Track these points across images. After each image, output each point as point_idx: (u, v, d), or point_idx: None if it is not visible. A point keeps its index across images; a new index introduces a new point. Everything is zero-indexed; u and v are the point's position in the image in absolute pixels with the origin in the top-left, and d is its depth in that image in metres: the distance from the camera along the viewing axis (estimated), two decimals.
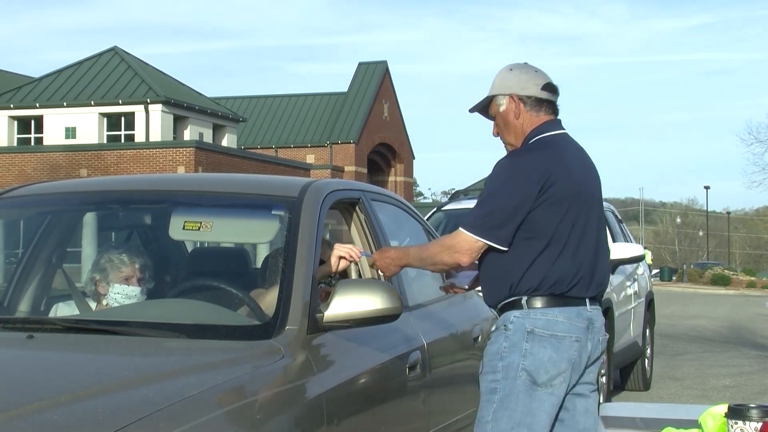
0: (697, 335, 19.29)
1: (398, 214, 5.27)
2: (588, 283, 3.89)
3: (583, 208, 3.90)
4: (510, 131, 4.02)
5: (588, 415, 3.93)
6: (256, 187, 4.56)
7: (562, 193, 3.83)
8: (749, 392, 11.09)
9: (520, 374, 3.78)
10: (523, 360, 3.79)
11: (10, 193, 4.58)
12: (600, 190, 4.07)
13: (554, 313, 3.83)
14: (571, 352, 3.82)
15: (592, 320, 3.90)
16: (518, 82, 4.00)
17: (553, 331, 3.81)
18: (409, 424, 4.37)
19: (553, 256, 3.83)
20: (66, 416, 2.79)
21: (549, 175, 3.81)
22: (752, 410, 3.19)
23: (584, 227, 3.90)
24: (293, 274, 3.78)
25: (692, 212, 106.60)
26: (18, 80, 45.16)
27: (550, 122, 4.01)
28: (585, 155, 4.07)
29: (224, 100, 53.50)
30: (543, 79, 4.02)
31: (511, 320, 3.85)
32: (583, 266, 3.88)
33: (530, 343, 3.80)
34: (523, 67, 4.06)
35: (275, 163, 39.12)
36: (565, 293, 3.84)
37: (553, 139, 3.96)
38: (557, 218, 3.82)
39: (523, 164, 3.84)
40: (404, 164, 58.40)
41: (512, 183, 3.80)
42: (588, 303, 3.91)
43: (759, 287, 56.98)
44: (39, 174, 33.20)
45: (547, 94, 4.01)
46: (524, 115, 3.98)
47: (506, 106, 4.00)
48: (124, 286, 4.12)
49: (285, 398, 3.39)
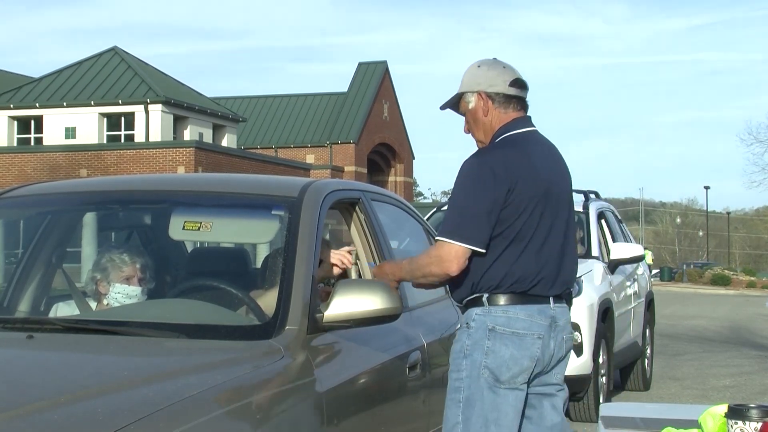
0: (697, 335, 19.29)
1: (398, 214, 5.27)
2: (552, 282, 3.88)
3: (549, 206, 3.88)
4: (479, 128, 4.01)
5: (555, 412, 3.95)
6: (256, 187, 4.56)
7: (528, 192, 3.81)
8: (749, 392, 11.10)
9: (483, 372, 3.78)
10: (485, 358, 3.79)
11: (10, 193, 4.58)
12: (570, 189, 4.05)
13: (515, 311, 3.82)
14: (533, 350, 3.82)
15: (555, 318, 3.89)
16: (486, 78, 3.99)
17: (514, 329, 3.80)
18: (409, 424, 4.38)
19: (516, 254, 3.81)
20: (66, 416, 2.79)
21: (515, 174, 3.80)
22: (752, 410, 3.19)
23: (551, 226, 3.88)
24: (293, 274, 3.78)
25: (692, 212, 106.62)
26: (18, 80, 45.16)
27: (519, 119, 3.99)
28: (555, 153, 4.04)
29: (224, 100, 53.50)
30: (511, 75, 4.00)
31: (473, 318, 3.85)
32: (548, 265, 3.86)
33: (492, 341, 3.80)
34: (491, 63, 4.04)
35: (275, 163, 39.12)
36: (527, 291, 3.83)
37: (521, 137, 3.94)
38: (522, 217, 3.81)
39: (489, 164, 3.81)
40: (404, 164, 58.40)
41: (482, 184, 3.78)
42: (552, 301, 3.89)
43: (759, 287, 56.98)
44: (39, 174, 33.19)
45: (516, 90, 3.99)
46: (492, 112, 3.97)
47: (475, 103, 4.00)
48: (125, 286, 4.12)
49: (285, 398, 3.39)
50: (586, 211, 10.32)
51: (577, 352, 8.68)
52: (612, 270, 9.93)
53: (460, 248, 3.76)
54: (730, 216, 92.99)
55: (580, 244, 10.16)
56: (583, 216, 10.29)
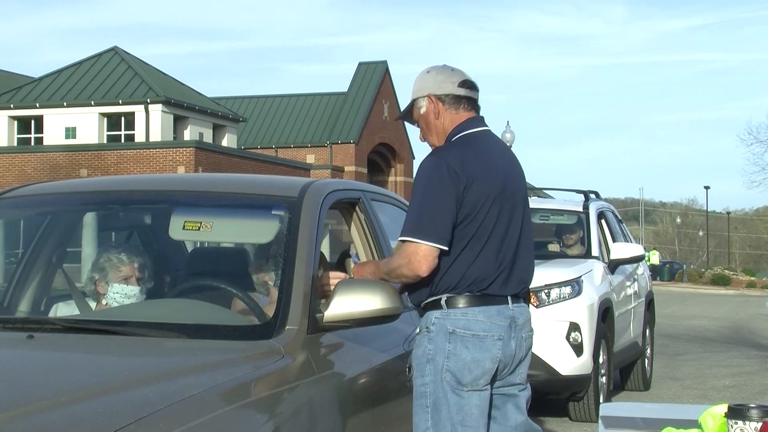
0: (697, 335, 19.29)
1: (398, 214, 5.26)
2: (509, 282, 3.87)
3: (506, 205, 3.88)
4: (432, 132, 4.03)
5: (519, 412, 3.95)
6: (256, 187, 4.56)
7: (484, 190, 3.82)
8: (749, 392, 11.09)
9: (445, 376, 3.78)
10: (447, 361, 3.78)
11: (10, 193, 4.58)
12: (525, 188, 4.05)
13: (474, 313, 3.81)
14: (494, 351, 3.81)
15: (514, 318, 3.88)
16: (435, 82, 4.01)
17: (474, 331, 3.80)
18: (409, 424, 4.37)
19: (473, 255, 3.81)
20: (66, 416, 2.79)
21: (471, 171, 3.80)
22: (752, 410, 3.19)
23: (508, 225, 3.88)
24: (293, 274, 3.78)
25: (692, 212, 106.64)
26: (18, 80, 45.16)
27: (471, 119, 4.00)
28: (508, 152, 4.05)
29: (224, 100, 53.50)
30: (460, 77, 4.03)
31: (432, 321, 3.84)
32: (505, 264, 3.86)
33: (453, 344, 3.79)
34: (440, 68, 4.07)
35: (275, 163, 39.11)
36: (484, 292, 3.83)
37: (474, 136, 3.96)
38: (479, 216, 3.81)
39: (445, 161, 3.82)
40: (404, 164, 58.38)
41: (439, 182, 3.78)
42: (510, 301, 3.89)
43: (759, 287, 57.01)
44: (39, 174, 33.20)
45: (465, 91, 4.01)
46: (444, 114, 3.99)
47: (426, 107, 4.02)
48: (123, 286, 4.12)
49: (285, 398, 3.39)
50: (586, 211, 10.33)
51: (577, 352, 8.69)
52: (612, 270, 9.93)
53: (427, 248, 3.74)
54: (730, 216, 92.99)
55: (580, 244, 10.18)
56: (583, 216, 10.30)
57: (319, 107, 55.93)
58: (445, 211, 3.76)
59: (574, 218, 10.43)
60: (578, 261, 9.55)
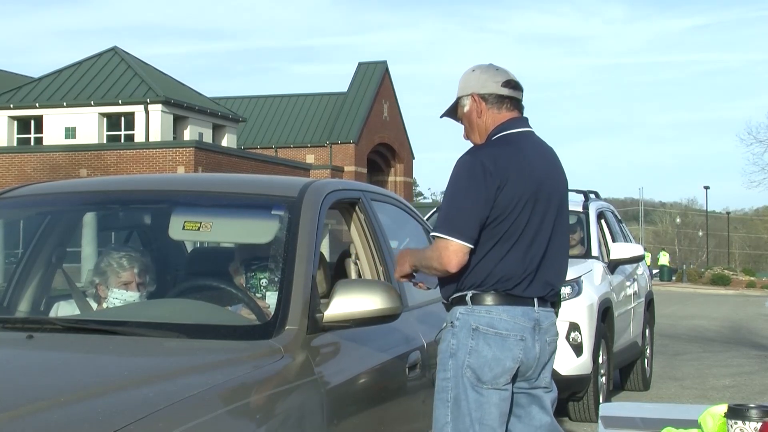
0: (697, 335, 19.29)
1: (398, 214, 5.27)
2: (536, 284, 3.88)
3: (539, 207, 3.88)
4: (474, 130, 4.04)
5: (544, 412, 3.96)
6: (255, 187, 4.56)
7: (518, 190, 3.82)
8: (749, 392, 11.10)
9: (465, 372, 3.80)
10: (468, 357, 3.81)
11: (10, 193, 4.58)
12: (563, 191, 4.04)
13: (498, 311, 3.83)
14: (516, 351, 3.82)
15: (539, 321, 3.89)
16: (478, 81, 4.03)
17: (497, 329, 3.82)
18: (409, 424, 4.38)
19: (502, 253, 3.82)
20: (66, 416, 2.79)
21: (506, 171, 3.81)
22: (752, 410, 3.19)
23: (539, 226, 3.88)
24: (293, 274, 3.78)
25: (692, 212, 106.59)
26: (18, 80, 45.16)
27: (513, 120, 4.01)
28: (549, 154, 4.04)
29: (224, 100, 53.50)
30: (504, 77, 4.04)
31: (457, 317, 3.87)
32: (533, 266, 3.86)
33: (475, 341, 3.81)
34: (485, 67, 4.08)
35: (275, 163, 39.12)
36: (510, 291, 3.84)
37: (516, 136, 3.96)
38: (511, 215, 3.81)
39: (480, 160, 3.83)
40: (404, 164, 58.39)
41: (473, 180, 3.80)
42: (536, 303, 3.89)
43: (759, 287, 56.97)
44: (39, 174, 33.19)
45: (509, 91, 4.01)
46: (486, 113, 4.00)
47: (469, 105, 4.03)
48: (123, 291, 4.12)
49: (285, 398, 3.39)
50: (586, 211, 10.32)
51: (576, 352, 8.69)
52: (612, 270, 9.93)
53: (457, 244, 3.77)
54: (730, 216, 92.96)
55: (580, 244, 10.17)
56: (583, 216, 10.30)
57: (319, 107, 55.93)
58: (474, 210, 3.78)
59: (573, 218, 10.43)
60: (578, 261, 9.55)
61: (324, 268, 4.28)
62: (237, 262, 4.38)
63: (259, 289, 4.17)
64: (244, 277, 4.26)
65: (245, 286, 4.21)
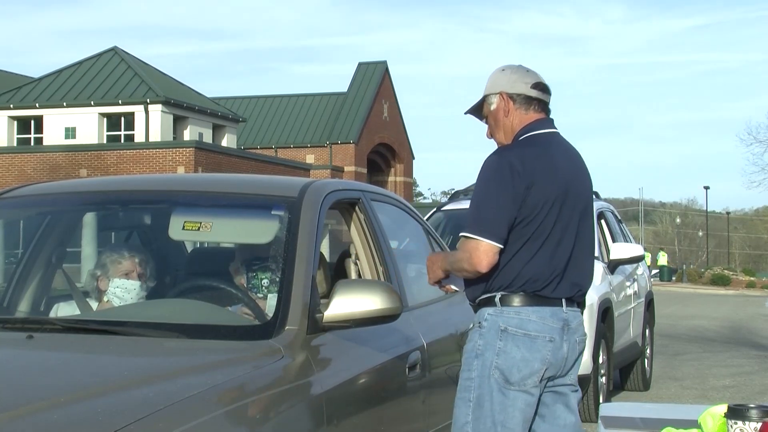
0: (697, 335, 19.29)
1: (398, 215, 5.27)
2: (564, 284, 3.88)
3: (566, 207, 3.88)
4: (499, 129, 4.04)
5: (569, 411, 3.96)
6: (255, 187, 4.56)
7: (546, 191, 3.83)
8: (749, 392, 11.10)
9: (493, 373, 3.80)
10: (496, 358, 3.81)
11: (10, 193, 4.58)
12: (589, 192, 4.05)
13: (527, 312, 3.83)
14: (545, 352, 3.82)
15: (567, 321, 3.89)
16: (508, 81, 4.03)
17: (526, 330, 3.82)
18: (409, 424, 4.38)
19: (528, 255, 3.82)
20: (66, 416, 2.79)
21: (534, 171, 3.81)
22: (752, 410, 3.19)
23: (566, 227, 3.88)
24: (293, 274, 3.78)
25: (692, 212, 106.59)
26: (18, 80, 45.16)
27: (540, 120, 4.01)
28: (575, 155, 4.05)
29: (224, 101, 53.50)
30: (533, 78, 4.04)
31: (485, 318, 3.87)
32: (560, 266, 3.87)
33: (503, 342, 3.81)
34: (515, 67, 4.08)
35: (275, 163, 39.11)
36: (538, 292, 3.84)
37: (542, 137, 3.96)
38: (539, 216, 3.82)
39: (508, 160, 3.83)
40: (404, 164, 58.39)
41: (501, 180, 3.80)
42: (564, 304, 3.90)
43: (759, 287, 56.98)
44: (39, 174, 33.20)
45: (537, 93, 4.02)
46: (513, 112, 4.00)
47: (496, 104, 4.03)
48: (124, 280, 4.13)
49: (285, 398, 3.39)
50: None
51: None
52: (612, 270, 9.93)
53: (487, 245, 3.77)
54: (730, 216, 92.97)
55: None
56: None
57: (319, 107, 55.94)
58: (503, 210, 3.78)
59: None
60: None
61: (324, 268, 4.28)
62: (237, 263, 4.38)
63: (261, 289, 4.17)
64: (244, 277, 4.26)
65: (246, 286, 4.21)
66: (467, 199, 11.51)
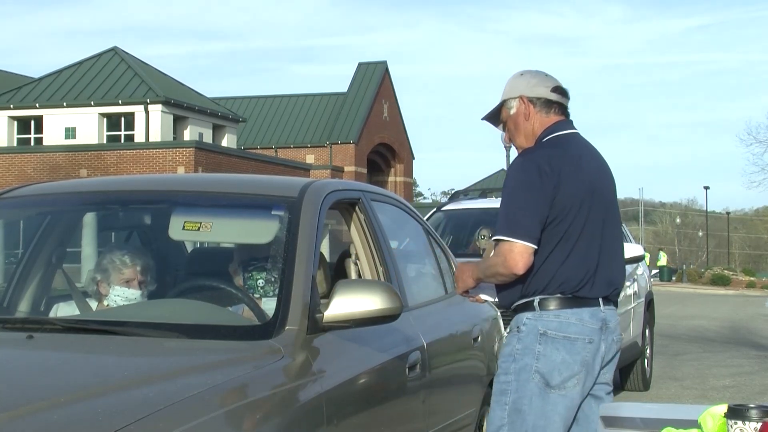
0: (697, 335, 19.28)
1: (398, 215, 5.27)
2: (599, 283, 3.87)
3: (594, 207, 3.88)
4: (520, 133, 4.03)
5: None
6: (255, 188, 4.56)
7: (573, 191, 3.83)
8: (749, 392, 11.09)
9: (533, 377, 3.79)
10: (536, 362, 3.80)
11: (10, 193, 4.58)
12: (613, 190, 4.05)
13: (566, 315, 3.83)
14: (585, 354, 3.82)
15: (606, 321, 3.89)
16: (528, 84, 4.03)
17: (566, 333, 3.81)
18: (409, 424, 4.38)
19: (562, 257, 3.82)
20: (66, 416, 2.79)
21: (560, 172, 3.81)
22: (752, 410, 3.18)
23: (594, 226, 3.88)
24: (293, 274, 3.78)
25: (692, 212, 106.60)
26: (18, 80, 45.17)
27: (560, 122, 4.01)
28: (597, 155, 4.06)
29: (224, 101, 53.50)
30: (553, 82, 4.05)
31: (523, 322, 3.86)
32: (593, 266, 3.86)
33: (543, 345, 3.81)
34: (534, 72, 4.09)
35: (275, 164, 39.13)
36: (575, 294, 3.83)
37: (565, 138, 3.97)
38: (568, 217, 3.82)
39: (535, 161, 3.84)
40: (404, 164, 58.41)
41: (529, 181, 3.80)
42: (602, 303, 3.89)
43: (759, 287, 56.96)
44: (39, 174, 33.20)
45: (557, 96, 4.03)
46: (534, 116, 4.00)
47: (516, 108, 4.02)
48: (125, 289, 4.12)
49: (285, 398, 3.39)
50: None
51: None
52: None
53: (522, 246, 3.75)
54: (730, 216, 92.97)
55: None
56: None
57: (319, 107, 55.95)
58: (535, 211, 3.77)
59: None
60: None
61: (324, 268, 4.28)
62: (235, 263, 4.38)
63: (257, 290, 4.17)
64: (242, 277, 4.26)
65: (243, 286, 4.21)
66: (467, 200, 11.56)
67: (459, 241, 10.37)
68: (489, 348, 5.45)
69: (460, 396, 5.04)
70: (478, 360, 5.30)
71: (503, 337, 4.02)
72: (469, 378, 5.20)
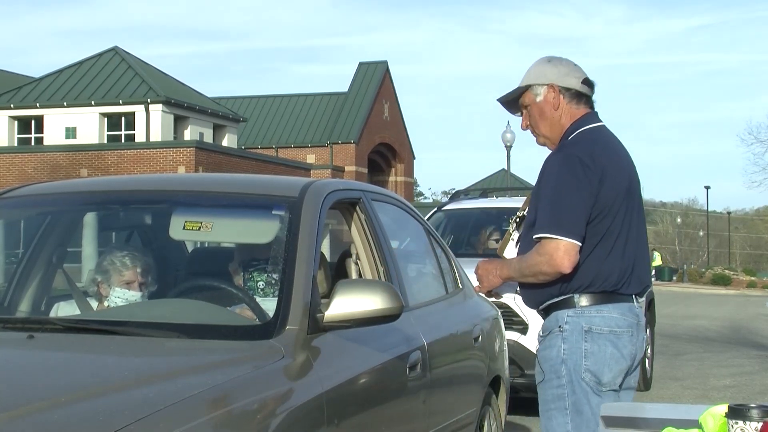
0: (698, 335, 19.29)
1: (399, 214, 5.27)
2: (635, 280, 3.81)
3: (629, 202, 3.81)
4: (545, 122, 3.91)
5: None
6: (256, 187, 4.56)
7: (614, 186, 3.74)
8: (750, 392, 11.09)
9: (584, 376, 3.71)
10: (585, 361, 3.72)
11: (10, 193, 4.58)
12: (640, 186, 3.96)
13: (609, 309, 3.75)
14: (630, 347, 3.76)
15: (639, 317, 3.84)
16: (558, 73, 3.91)
17: (611, 327, 3.74)
18: (409, 424, 4.37)
19: (605, 253, 3.73)
20: (66, 416, 2.79)
21: (602, 167, 3.72)
22: (753, 410, 3.18)
23: (630, 222, 3.81)
24: (293, 274, 3.78)
25: (693, 212, 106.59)
26: (18, 80, 45.19)
27: (589, 115, 3.91)
28: (624, 147, 3.96)
29: (224, 100, 53.52)
30: (582, 74, 3.95)
31: (565, 320, 3.76)
32: (631, 262, 3.79)
33: (590, 342, 3.72)
34: (562, 59, 3.98)
35: (275, 163, 39.14)
36: (616, 290, 3.76)
37: (598, 132, 3.87)
38: (611, 212, 3.73)
39: (577, 156, 3.72)
40: (404, 164, 58.41)
41: (573, 176, 3.69)
42: (635, 299, 3.84)
43: (759, 287, 57.00)
44: (39, 174, 33.22)
45: (587, 89, 3.93)
46: (564, 106, 3.88)
47: (544, 96, 3.90)
48: (125, 291, 4.12)
49: (285, 398, 3.39)
50: None
51: None
52: None
53: (568, 243, 3.64)
54: (731, 216, 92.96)
55: None
56: None
57: (320, 107, 55.96)
58: (579, 206, 3.67)
59: None
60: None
61: (324, 268, 4.28)
62: (236, 263, 4.38)
63: (257, 290, 4.17)
64: (242, 277, 4.26)
65: (245, 286, 4.21)
66: (467, 199, 11.54)
67: (459, 241, 10.35)
68: (490, 348, 5.45)
69: (461, 396, 5.04)
70: (478, 360, 5.30)
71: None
72: (470, 378, 5.19)
